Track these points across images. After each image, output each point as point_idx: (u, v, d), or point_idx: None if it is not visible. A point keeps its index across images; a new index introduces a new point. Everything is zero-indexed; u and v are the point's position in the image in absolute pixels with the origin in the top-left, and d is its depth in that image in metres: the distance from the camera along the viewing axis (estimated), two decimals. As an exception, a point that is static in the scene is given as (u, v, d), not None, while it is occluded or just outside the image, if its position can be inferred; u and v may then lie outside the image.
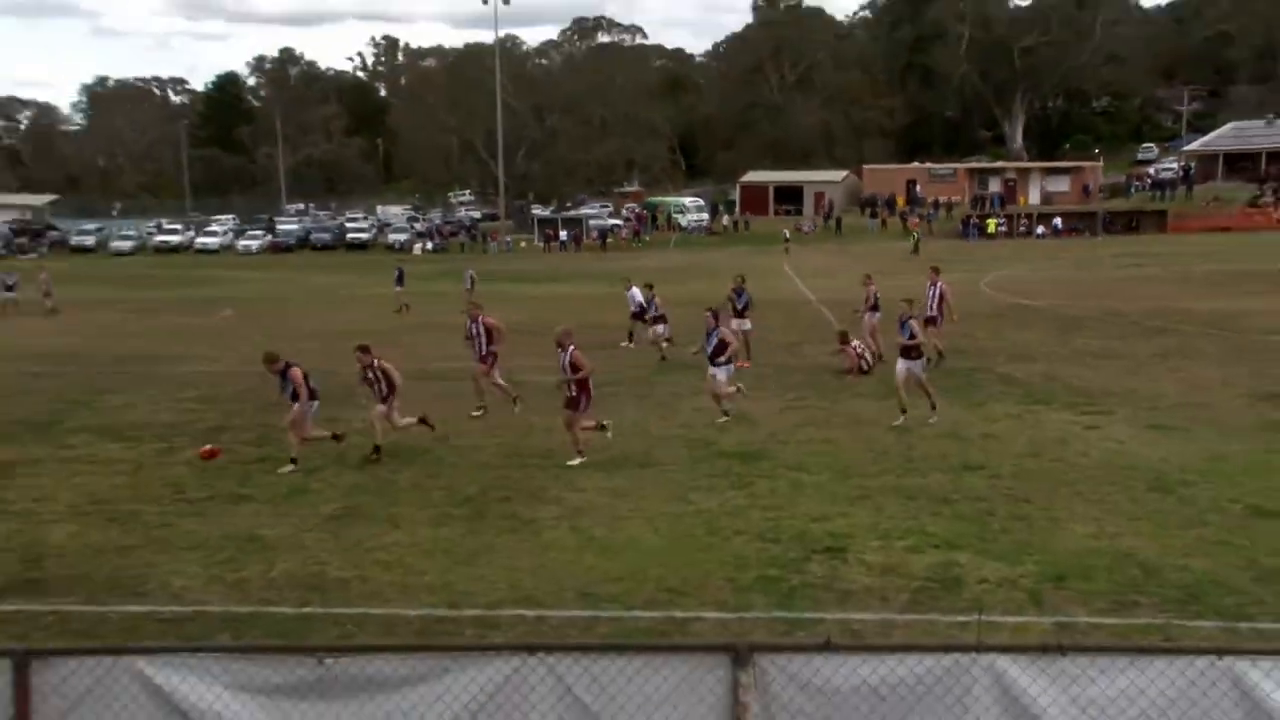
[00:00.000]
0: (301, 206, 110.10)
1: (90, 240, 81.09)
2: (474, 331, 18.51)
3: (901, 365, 17.02)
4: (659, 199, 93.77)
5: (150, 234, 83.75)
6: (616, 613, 9.61)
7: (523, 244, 78.23)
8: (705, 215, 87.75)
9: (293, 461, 14.69)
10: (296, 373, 14.87)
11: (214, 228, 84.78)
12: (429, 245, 77.71)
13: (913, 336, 16.92)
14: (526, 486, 13.80)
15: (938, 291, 22.39)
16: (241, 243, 79.64)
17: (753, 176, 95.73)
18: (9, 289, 37.52)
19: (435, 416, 16.42)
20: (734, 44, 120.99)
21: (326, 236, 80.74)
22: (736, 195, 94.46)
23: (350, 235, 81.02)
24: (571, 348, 15.04)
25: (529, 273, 56.15)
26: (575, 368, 14.92)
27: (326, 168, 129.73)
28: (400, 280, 39.91)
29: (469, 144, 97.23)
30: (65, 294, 40.71)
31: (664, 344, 24.47)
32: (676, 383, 20.86)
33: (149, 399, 20.51)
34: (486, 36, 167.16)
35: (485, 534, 11.93)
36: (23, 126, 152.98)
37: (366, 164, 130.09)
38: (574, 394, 14.99)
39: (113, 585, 10.41)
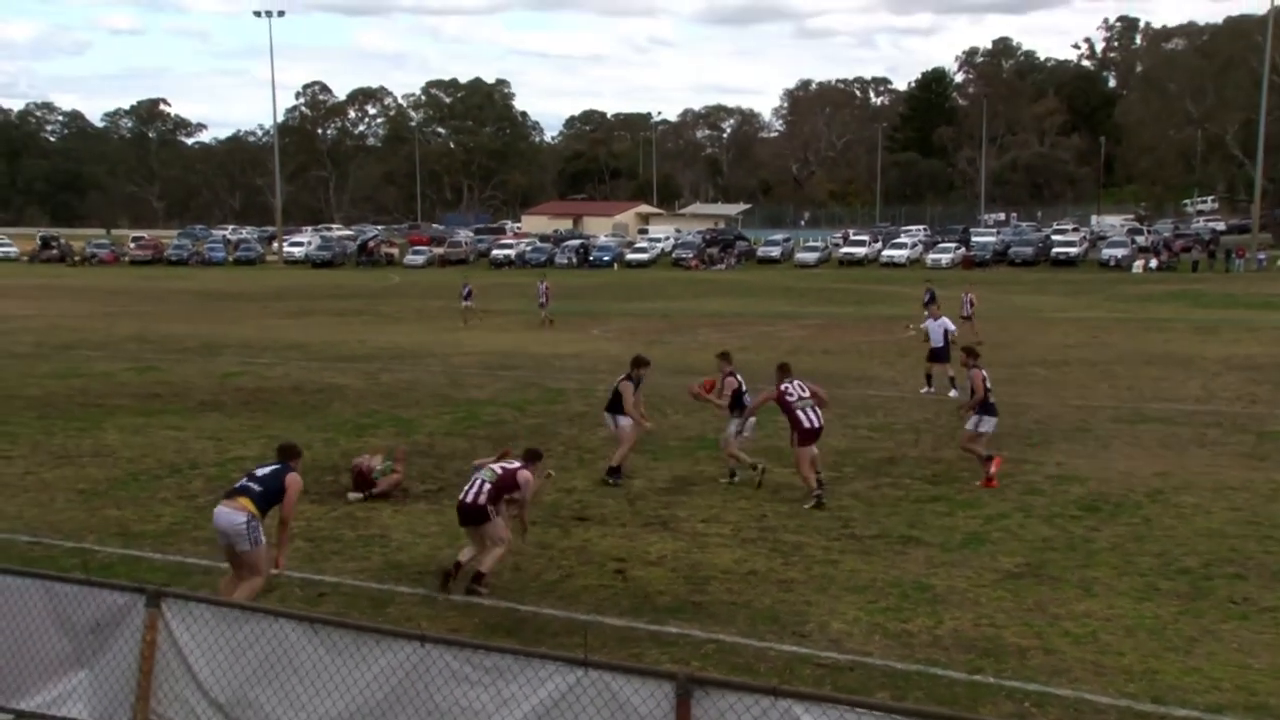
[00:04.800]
0: (1002, 216, 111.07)
1: (776, 251, 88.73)
2: None
3: None
4: None
5: (835, 245, 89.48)
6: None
7: (1280, 262, 72.75)
8: None
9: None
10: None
11: (902, 239, 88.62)
12: (1152, 263, 74.65)
13: None
14: (1268, 564, 12.67)
15: None
16: (931, 256, 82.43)
17: None
18: (465, 297, 42.60)
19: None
20: None
21: (1028, 251, 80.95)
22: None
23: (1056, 250, 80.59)
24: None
25: (1282, 298, 52.01)
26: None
27: (1035, 172, 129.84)
28: None
29: (1217, 140, 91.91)
30: (746, 307, 43.96)
31: None
32: None
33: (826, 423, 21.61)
34: (1253, 6, 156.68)
35: (1206, 617, 11.11)
36: (725, 136, 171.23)
37: (1082, 167, 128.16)
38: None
39: (771, 619, 11.09)
